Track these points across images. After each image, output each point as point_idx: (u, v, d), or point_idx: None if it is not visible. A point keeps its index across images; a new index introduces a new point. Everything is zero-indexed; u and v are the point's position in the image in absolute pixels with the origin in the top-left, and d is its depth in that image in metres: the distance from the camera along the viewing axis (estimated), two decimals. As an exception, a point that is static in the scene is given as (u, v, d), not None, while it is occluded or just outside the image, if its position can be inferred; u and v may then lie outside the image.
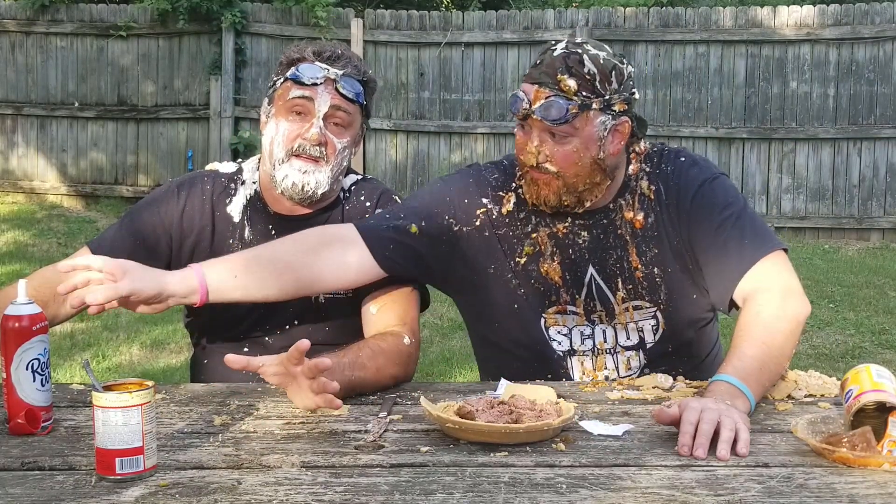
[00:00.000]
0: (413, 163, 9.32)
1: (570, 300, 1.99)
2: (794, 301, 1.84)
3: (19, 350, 1.58)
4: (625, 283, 1.98)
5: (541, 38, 9.06)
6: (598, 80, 1.87)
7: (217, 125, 9.36)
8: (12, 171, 9.74)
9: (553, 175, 1.90)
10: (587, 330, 1.99)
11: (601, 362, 2.00)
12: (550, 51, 1.90)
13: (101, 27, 9.56)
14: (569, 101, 1.85)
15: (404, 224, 1.97)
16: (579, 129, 1.87)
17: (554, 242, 1.99)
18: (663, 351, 2.00)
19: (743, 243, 1.90)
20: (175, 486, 1.36)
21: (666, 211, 1.97)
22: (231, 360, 1.67)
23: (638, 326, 1.99)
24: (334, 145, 2.03)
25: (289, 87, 2.03)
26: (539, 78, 1.88)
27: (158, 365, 5.08)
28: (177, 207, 2.10)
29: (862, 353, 5.32)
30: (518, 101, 1.89)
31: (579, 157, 1.89)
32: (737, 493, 1.33)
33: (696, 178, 1.98)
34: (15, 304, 1.61)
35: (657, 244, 1.97)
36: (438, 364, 5.05)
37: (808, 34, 8.73)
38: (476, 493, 1.33)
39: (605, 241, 1.98)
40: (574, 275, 1.98)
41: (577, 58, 1.87)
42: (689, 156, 2.03)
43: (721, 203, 1.95)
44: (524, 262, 1.99)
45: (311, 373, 1.63)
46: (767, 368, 1.73)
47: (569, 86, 1.85)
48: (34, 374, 1.59)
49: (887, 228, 8.71)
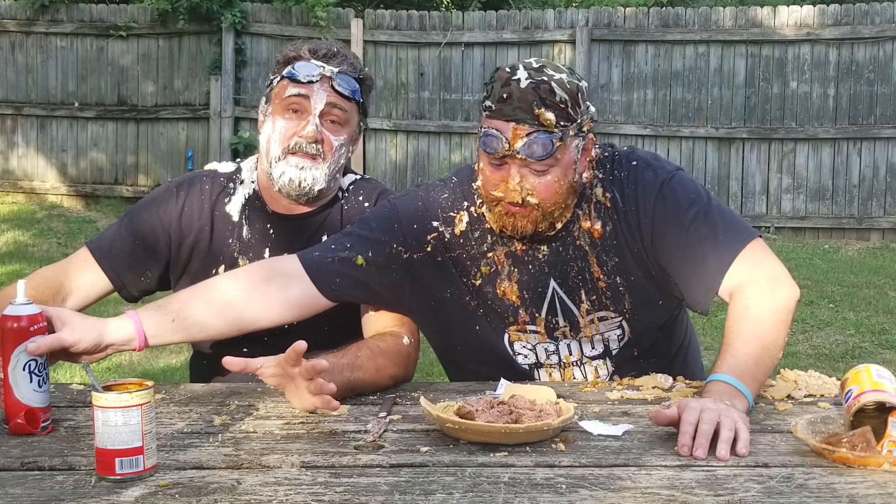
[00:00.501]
0: (413, 163, 9.32)
1: (529, 319, 1.94)
2: (782, 288, 1.81)
3: (16, 351, 1.58)
4: (588, 294, 1.93)
5: (541, 38, 9.07)
6: (569, 105, 1.81)
7: (217, 125, 9.37)
8: (12, 171, 9.74)
9: (533, 207, 1.83)
10: (550, 346, 1.96)
11: (569, 373, 1.98)
12: (514, 82, 1.80)
13: (101, 27, 9.56)
14: (551, 135, 1.79)
15: (350, 255, 1.92)
16: (560, 160, 1.82)
17: (511, 261, 1.93)
18: (629, 355, 1.97)
19: (717, 240, 1.85)
20: (175, 486, 1.36)
21: (624, 219, 1.91)
22: (229, 361, 1.67)
23: (604, 337, 1.96)
24: (331, 142, 2.03)
25: (285, 85, 2.03)
26: (514, 114, 1.79)
27: (158, 365, 5.08)
28: (176, 207, 2.10)
29: (862, 353, 5.32)
30: (494, 140, 1.80)
31: (560, 186, 1.84)
32: (737, 493, 1.33)
33: (653, 182, 1.91)
34: (14, 304, 1.60)
35: (617, 253, 1.92)
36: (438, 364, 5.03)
37: (808, 34, 8.73)
38: (476, 493, 1.33)
39: (565, 254, 1.93)
40: (534, 292, 1.93)
41: (547, 87, 1.79)
42: (640, 158, 1.96)
43: (685, 203, 1.89)
44: (479, 283, 1.94)
45: (309, 374, 1.63)
46: (762, 363, 1.72)
47: (549, 119, 1.78)
48: (31, 375, 1.59)
49: (887, 228, 8.71)
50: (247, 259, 2.08)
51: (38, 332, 1.60)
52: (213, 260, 2.09)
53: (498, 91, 1.82)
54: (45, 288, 2.01)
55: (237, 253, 2.09)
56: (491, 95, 1.83)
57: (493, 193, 1.85)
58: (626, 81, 9.04)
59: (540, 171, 1.82)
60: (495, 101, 1.81)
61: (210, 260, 2.09)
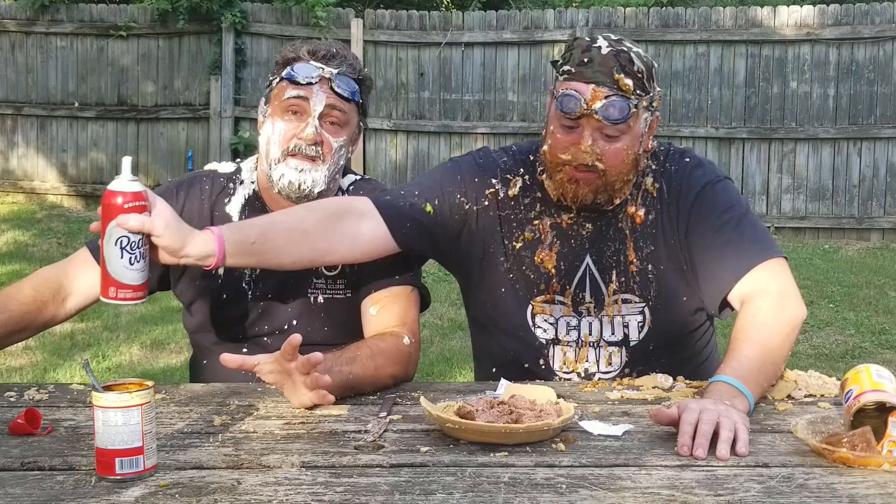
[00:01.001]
0: (413, 163, 9.32)
1: (559, 290, 1.99)
2: (791, 304, 1.84)
3: (110, 225, 1.56)
4: (618, 275, 1.98)
5: (541, 38, 9.07)
6: (645, 77, 1.89)
7: (217, 125, 9.37)
8: (12, 171, 9.74)
9: (598, 173, 1.89)
10: (573, 321, 2.00)
11: (583, 354, 2.00)
12: (595, 48, 1.88)
13: (101, 27, 9.56)
14: (628, 101, 1.86)
15: (419, 202, 1.98)
16: (632, 128, 1.89)
17: (556, 232, 2.00)
18: (645, 349, 2.00)
19: (742, 247, 1.91)
20: (175, 486, 1.36)
21: (666, 209, 1.98)
22: (226, 359, 1.67)
23: (624, 321, 1.99)
24: (330, 144, 2.03)
25: (284, 86, 2.03)
26: (594, 77, 1.86)
27: (158, 365, 5.08)
28: (175, 208, 2.09)
29: (862, 353, 5.32)
30: (572, 100, 1.86)
31: (627, 156, 1.90)
32: (737, 493, 1.33)
33: (700, 180, 1.98)
34: (118, 179, 1.58)
35: (654, 241, 1.98)
36: (438, 364, 5.05)
37: (808, 34, 8.73)
38: (476, 493, 1.33)
39: (606, 234, 1.99)
40: (570, 265, 1.99)
41: (627, 56, 1.87)
42: (694, 157, 2.05)
43: (722, 206, 1.96)
44: (519, 246, 2.01)
45: (305, 368, 1.64)
46: (765, 369, 1.74)
47: (627, 84, 1.86)
48: (122, 251, 1.57)
49: (887, 228, 8.71)
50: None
51: (132, 209, 1.57)
52: (213, 260, 2.09)
53: (578, 56, 1.89)
54: (45, 288, 2.01)
55: (237, 253, 2.08)
56: (570, 60, 1.90)
57: (561, 157, 1.90)
58: (626, 81, 9.02)
59: (612, 137, 1.88)
60: (575, 65, 1.88)
61: (210, 260, 2.09)
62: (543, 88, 9.15)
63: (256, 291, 2.08)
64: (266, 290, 2.08)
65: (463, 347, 5.30)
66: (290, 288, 2.07)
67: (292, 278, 2.07)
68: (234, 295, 2.08)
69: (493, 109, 9.20)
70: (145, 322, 5.87)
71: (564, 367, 2.01)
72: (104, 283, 1.59)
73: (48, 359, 5.10)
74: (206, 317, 2.11)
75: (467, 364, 4.92)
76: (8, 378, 4.72)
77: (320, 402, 1.66)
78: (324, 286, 2.08)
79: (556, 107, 1.89)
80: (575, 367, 2.00)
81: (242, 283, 2.08)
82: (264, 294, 2.08)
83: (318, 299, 2.08)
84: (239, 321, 2.09)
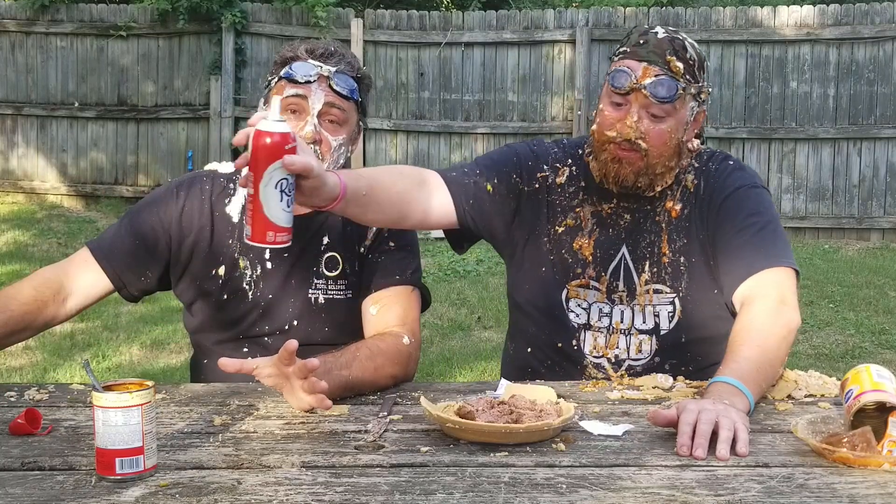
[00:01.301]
0: (413, 163, 9.30)
1: (594, 276, 2.05)
2: (787, 312, 1.85)
3: (270, 167, 1.52)
4: (651, 266, 2.04)
5: (541, 38, 9.07)
6: (696, 66, 1.96)
7: (217, 125, 9.37)
8: (12, 171, 9.74)
9: (641, 154, 1.95)
10: (606, 308, 2.05)
11: (614, 341, 2.04)
12: (652, 33, 1.96)
13: (101, 27, 9.56)
14: (677, 82, 1.93)
15: (481, 180, 2.05)
16: (677, 111, 1.95)
17: (596, 220, 2.06)
18: (676, 340, 2.03)
19: (757, 251, 1.94)
20: (175, 486, 1.36)
21: (699, 205, 2.03)
22: (225, 363, 1.67)
23: (655, 311, 2.03)
24: (329, 143, 2.03)
25: (283, 85, 2.03)
26: (647, 56, 1.93)
27: (158, 365, 5.08)
28: (176, 208, 2.10)
29: (862, 353, 5.32)
30: (623, 76, 1.93)
31: (669, 138, 1.96)
32: (737, 493, 1.33)
33: (736, 182, 2.04)
34: (268, 119, 1.54)
35: (687, 234, 2.03)
36: (438, 364, 5.05)
37: (808, 34, 8.73)
38: (476, 493, 1.33)
39: (643, 225, 2.05)
40: (606, 253, 2.05)
41: (681, 43, 1.95)
42: (736, 161, 2.11)
43: (750, 210, 2.00)
44: (561, 231, 2.07)
45: (302, 373, 1.65)
46: (763, 370, 1.74)
47: (678, 67, 1.93)
48: (282, 194, 1.53)
49: (887, 228, 8.71)
50: (247, 260, 2.08)
51: (290, 151, 1.54)
52: (214, 260, 2.09)
53: (635, 38, 1.98)
54: (45, 288, 2.01)
55: (237, 253, 2.08)
56: (627, 42, 1.99)
57: (607, 133, 1.97)
58: (626, 81, 9.03)
59: (657, 117, 1.94)
60: (631, 46, 1.97)
61: (210, 260, 2.09)
62: (543, 88, 9.16)
63: (257, 291, 2.08)
64: (267, 291, 2.08)
65: (463, 347, 5.30)
66: (291, 288, 2.07)
67: (293, 278, 2.07)
68: (235, 295, 2.08)
69: (493, 109, 9.20)
70: (145, 322, 5.88)
71: (595, 351, 2.05)
72: (260, 228, 1.53)
73: (48, 359, 5.10)
74: (207, 317, 2.11)
75: (467, 364, 4.92)
76: (8, 378, 4.72)
77: (318, 406, 1.66)
78: (325, 287, 2.08)
79: (608, 82, 1.96)
80: (605, 353, 2.04)
81: (243, 283, 2.08)
82: (265, 294, 2.08)
83: (318, 300, 2.07)
84: (240, 321, 2.09)
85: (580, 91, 8.98)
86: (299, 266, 2.07)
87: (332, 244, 2.09)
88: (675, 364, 2.02)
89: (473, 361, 5.03)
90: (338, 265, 2.07)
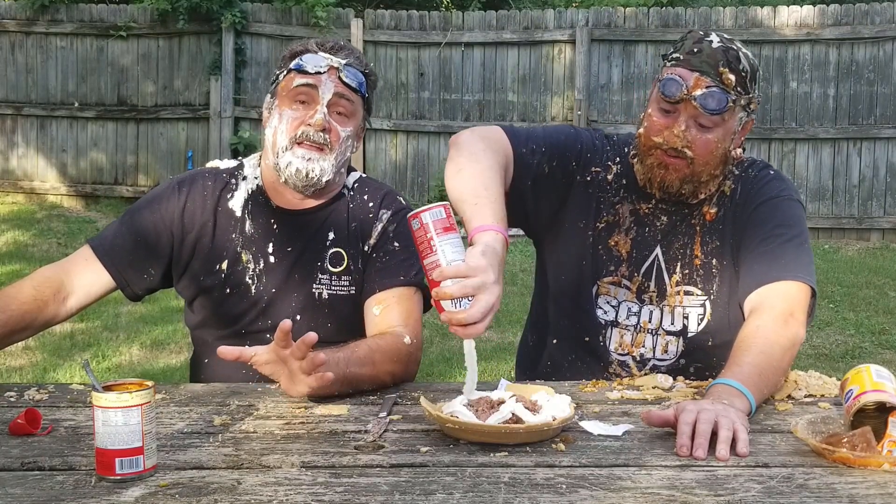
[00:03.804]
0: (413, 163, 9.32)
1: (627, 275, 2.06)
2: (793, 324, 1.84)
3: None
4: (682, 268, 2.04)
5: (541, 38, 9.07)
6: (748, 77, 1.95)
7: (217, 125, 9.37)
8: (12, 171, 9.74)
9: (686, 161, 1.95)
10: (634, 307, 2.06)
11: (640, 340, 2.05)
12: (706, 41, 1.94)
13: (101, 27, 9.56)
14: (728, 95, 1.92)
15: (543, 160, 2.05)
16: (725, 122, 1.94)
17: (634, 219, 2.07)
18: (703, 342, 2.03)
19: (777, 261, 1.93)
20: (175, 486, 1.36)
21: (734, 209, 2.04)
22: (224, 351, 1.68)
23: (684, 312, 2.04)
24: (338, 133, 2.03)
25: (292, 77, 2.04)
26: (700, 66, 1.92)
27: (158, 365, 5.08)
28: (177, 205, 2.10)
29: (862, 353, 5.32)
30: (674, 85, 1.92)
31: (716, 148, 1.95)
32: (737, 493, 1.33)
33: (772, 191, 2.03)
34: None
35: (719, 237, 2.04)
36: (438, 364, 5.05)
37: (808, 34, 8.73)
38: (476, 493, 1.33)
39: (679, 228, 2.05)
40: (641, 252, 2.06)
41: (735, 53, 1.93)
42: (777, 172, 2.10)
43: (779, 220, 1.99)
44: (601, 227, 2.08)
45: (300, 352, 1.64)
46: (766, 376, 1.73)
47: (730, 79, 1.92)
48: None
49: (887, 228, 8.71)
50: (249, 254, 2.08)
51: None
52: (216, 255, 2.09)
53: (689, 46, 1.96)
54: (45, 287, 2.01)
55: (240, 247, 2.08)
56: (681, 49, 1.97)
57: (654, 139, 1.97)
58: (625, 81, 9.04)
59: (705, 127, 1.94)
60: (684, 53, 1.95)
61: (213, 256, 2.09)
62: (543, 88, 9.16)
63: (260, 286, 2.08)
64: (270, 285, 2.07)
65: (463, 347, 5.28)
66: (294, 283, 2.07)
67: (297, 273, 2.07)
68: (237, 289, 2.08)
69: (493, 109, 9.20)
70: (145, 322, 5.88)
71: (620, 349, 2.06)
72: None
73: (48, 359, 5.10)
74: (209, 312, 2.11)
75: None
76: (8, 378, 4.72)
77: (319, 385, 1.66)
78: (328, 282, 2.08)
79: (658, 90, 1.95)
80: (630, 351, 2.05)
81: (246, 277, 2.08)
82: (268, 288, 2.08)
83: (322, 295, 2.07)
84: (241, 316, 2.09)
85: (580, 91, 8.99)
86: (303, 261, 2.08)
87: (337, 240, 2.09)
88: (699, 367, 2.02)
89: (473, 361, 5.01)
90: (342, 261, 2.07)
